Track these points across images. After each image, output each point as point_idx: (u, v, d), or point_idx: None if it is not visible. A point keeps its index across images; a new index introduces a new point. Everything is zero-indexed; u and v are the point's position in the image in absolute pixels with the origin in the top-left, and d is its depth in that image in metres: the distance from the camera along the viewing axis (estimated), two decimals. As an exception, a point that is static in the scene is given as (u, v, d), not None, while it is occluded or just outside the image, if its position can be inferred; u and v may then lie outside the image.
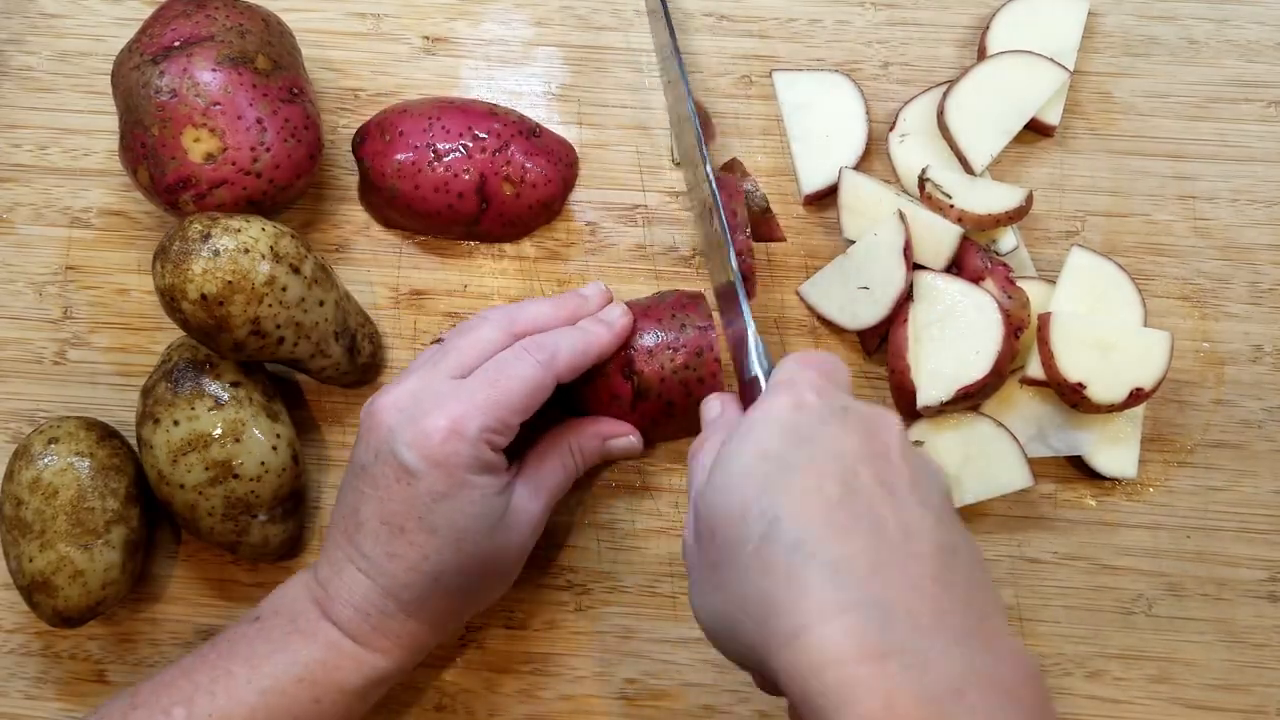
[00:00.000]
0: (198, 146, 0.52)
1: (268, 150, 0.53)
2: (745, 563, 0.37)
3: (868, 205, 0.57)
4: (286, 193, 0.55)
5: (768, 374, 0.46)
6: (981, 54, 0.61)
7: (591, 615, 0.56)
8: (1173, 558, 0.56)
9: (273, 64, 0.54)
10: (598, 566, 0.56)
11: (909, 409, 0.54)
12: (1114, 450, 0.56)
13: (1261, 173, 0.61)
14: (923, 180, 0.57)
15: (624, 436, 0.53)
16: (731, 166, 0.58)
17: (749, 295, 0.51)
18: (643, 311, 0.53)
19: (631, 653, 0.55)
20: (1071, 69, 0.60)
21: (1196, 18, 0.63)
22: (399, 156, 0.56)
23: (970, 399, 0.53)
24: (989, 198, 0.56)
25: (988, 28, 0.61)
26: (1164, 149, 0.61)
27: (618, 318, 0.52)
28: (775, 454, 0.38)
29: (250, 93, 0.53)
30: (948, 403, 0.52)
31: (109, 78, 0.56)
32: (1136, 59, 0.63)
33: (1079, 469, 0.57)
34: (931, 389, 0.53)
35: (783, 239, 0.59)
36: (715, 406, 0.48)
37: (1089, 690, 0.55)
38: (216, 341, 0.49)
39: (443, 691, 0.55)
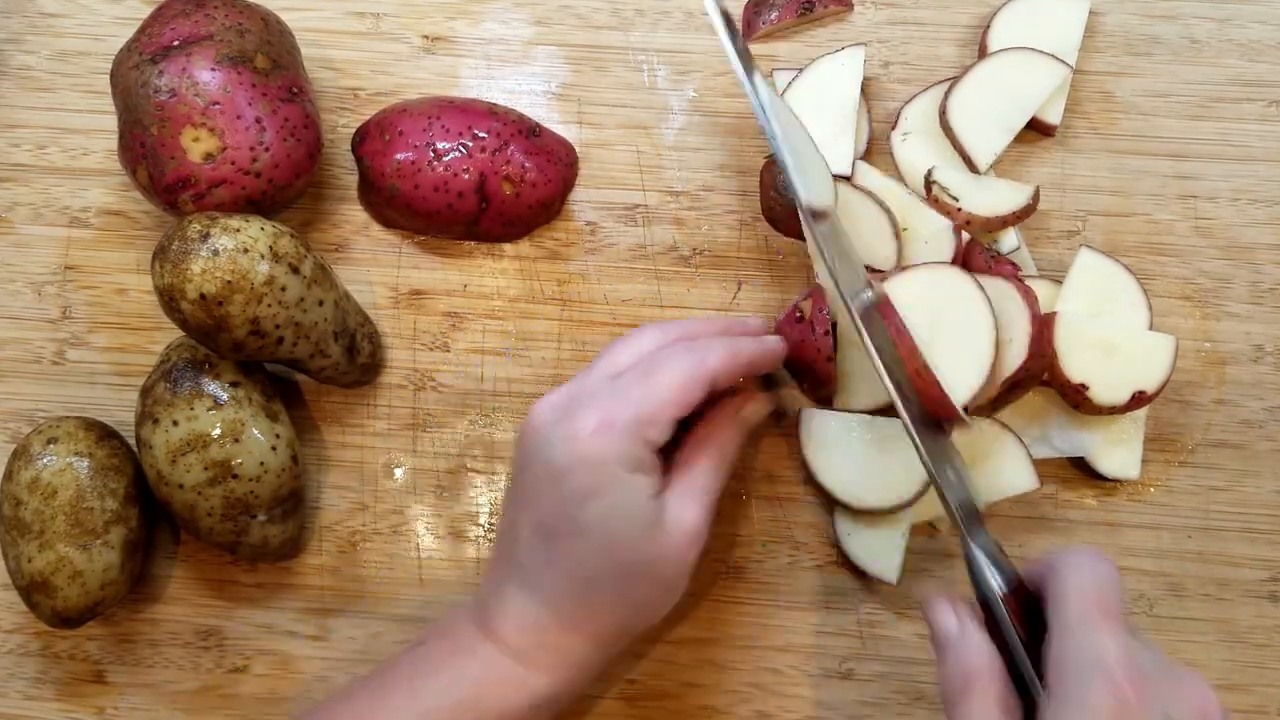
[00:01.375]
0: (197, 146, 0.52)
1: (267, 150, 0.53)
2: None
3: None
4: (286, 192, 0.55)
5: (1007, 587, 0.42)
6: (982, 53, 0.61)
7: (591, 615, 0.55)
8: (1174, 558, 0.56)
9: (272, 63, 0.54)
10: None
11: (941, 413, 0.53)
12: (1116, 451, 0.55)
13: (1263, 172, 0.61)
14: (929, 182, 0.57)
15: (752, 405, 0.52)
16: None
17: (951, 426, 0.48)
18: None
19: (631, 653, 0.55)
20: (1073, 68, 0.60)
21: (1198, 17, 0.63)
22: (399, 156, 0.56)
23: (1019, 388, 0.52)
24: (995, 198, 0.56)
25: (988, 27, 0.61)
26: (1165, 148, 0.61)
27: (776, 343, 0.52)
28: None
29: (249, 92, 0.53)
30: (997, 399, 0.52)
31: (108, 77, 0.55)
32: (1138, 58, 0.63)
33: (1080, 469, 0.57)
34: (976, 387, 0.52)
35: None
36: (951, 623, 0.42)
37: (1090, 691, 0.55)
38: (215, 341, 0.49)
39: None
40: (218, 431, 0.50)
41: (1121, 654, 0.37)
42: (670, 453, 0.48)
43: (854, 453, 0.54)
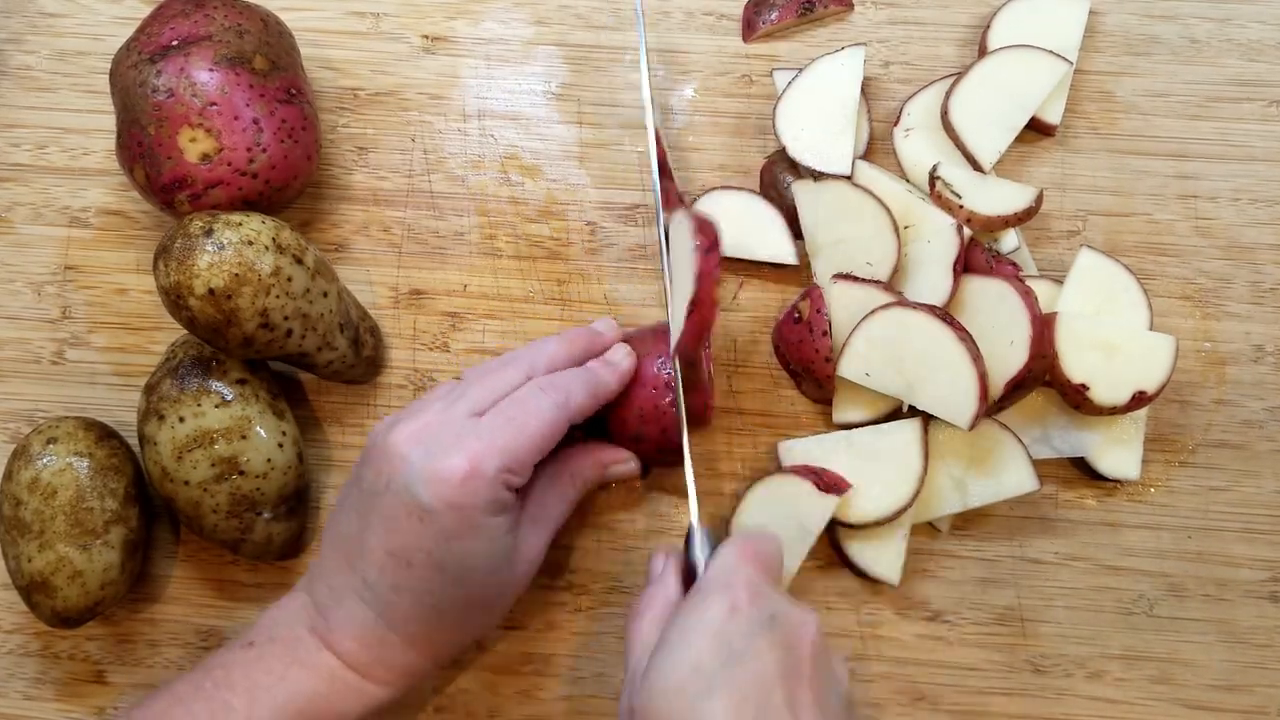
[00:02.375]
0: (194, 146, 0.52)
1: (264, 151, 0.53)
2: None
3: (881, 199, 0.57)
4: (283, 193, 0.55)
5: (708, 560, 0.47)
6: (982, 53, 0.61)
7: (591, 615, 0.55)
8: (1174, 558, 0.56)
9: (270, 64, 0.54)
10: (598, 566, 0.56)
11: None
12: (1117, 452, 0.55)
13: (1263, 172, 0.61)
14: (933, 178, 0.57)
15: (623, 463, 0.54)
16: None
17: (703, 421, 0.54)
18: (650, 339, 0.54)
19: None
20: (1072, 64, 0.60)
21: (1198, 17, 0.63)
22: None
23: (1021, 389, 0.52)
24: (998, 198, 0.56)
25: (988, 27, 0.61)
26: (1165, 148, 0.61)
27: (622, 359, 0.52)
28: (706, 670, 0.41)
29: (247, 93, 0.53)
30: (1001, 400, 0.52)
31: (107, 77, 0.55)
32: (1138, 58, 0.63)
33: (1080, 470, 0.57)
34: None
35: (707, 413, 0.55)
36: (659, 564, 0.48)
37: (1090, 691, 0.55)
38: (225, 337, 0.49)
39: (442, 692, 0.55)
40: (225, 428, 0.50)
41: (749, 575, 0.44)
42: None
43: (842, 470, 0.54)
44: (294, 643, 0.47)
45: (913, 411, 0.54)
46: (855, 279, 0.55)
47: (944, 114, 0.59)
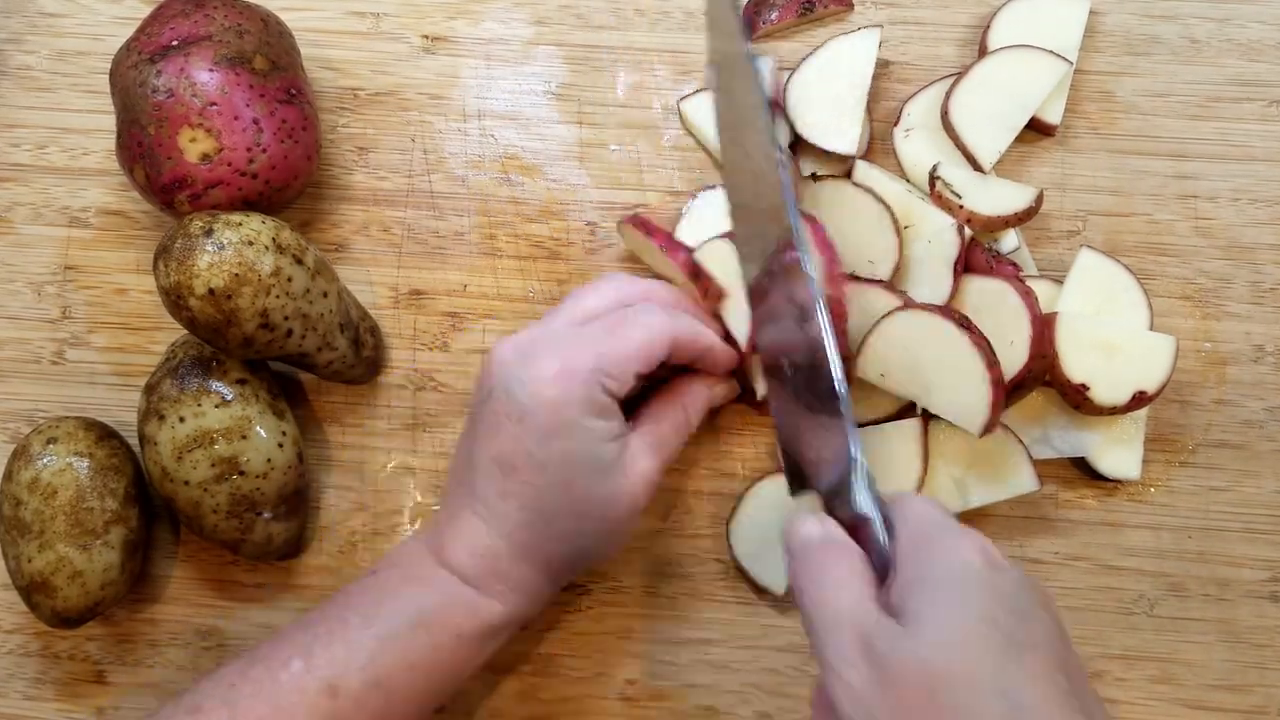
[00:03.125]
0: (194, 146, 0.52)
1: (264, 151, 0.53)
2: None
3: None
4: (283, 194, 0.55)
5: (879, 509, 0.41)
6: (982, 53, 0.61)
7: (591, 615, 0.55)
8: (1174, 558, 0.56)
9: (271, 64, 0.54)
10: (598, 566, 0.56)
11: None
12: (1117, 452, 0.55)
13: (1263, 172, 0.61)
14: (933, 178, 0.57)
15: (721, 386, 0.54)
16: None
17: (846, 369, 0.46)
18: None
19: (631, 653, 0.55)
20: (1072, 69, 0.60)
21: (1198, 17, 0.63)
22: None
23: (1021, 390, 0.52)
24: (998, 198, 0.56)
25: (988, 27, 0.61)
26: (1165, 148, 0.61)
27: (725, 351, 0.52)
28: (1001, 623, 0.36)
29: (247, 93, 0.53)
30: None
31: (107, 77, 0.55)
32: (1138, 58, 0.63)
33: (1081, 470, 0.57)
34: None
35: None
36: (814, 527, 0.41)
37: (1090, 691, 0.55)
38: (225, 337, 0.49)
39: (442, 692, 0.55)
40: (225, 428, 0.50)
41: (965, 528, 0.39)
42: (635, 408, 0.50)
43: None
44: (411, 563, 0.48)
45: (924, 411, 0.54)
46: (862, 279, 0.55)
47: (944, 114, 0.59)
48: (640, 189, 0.61)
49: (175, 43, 0.53)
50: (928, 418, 0.54)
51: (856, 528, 0.41)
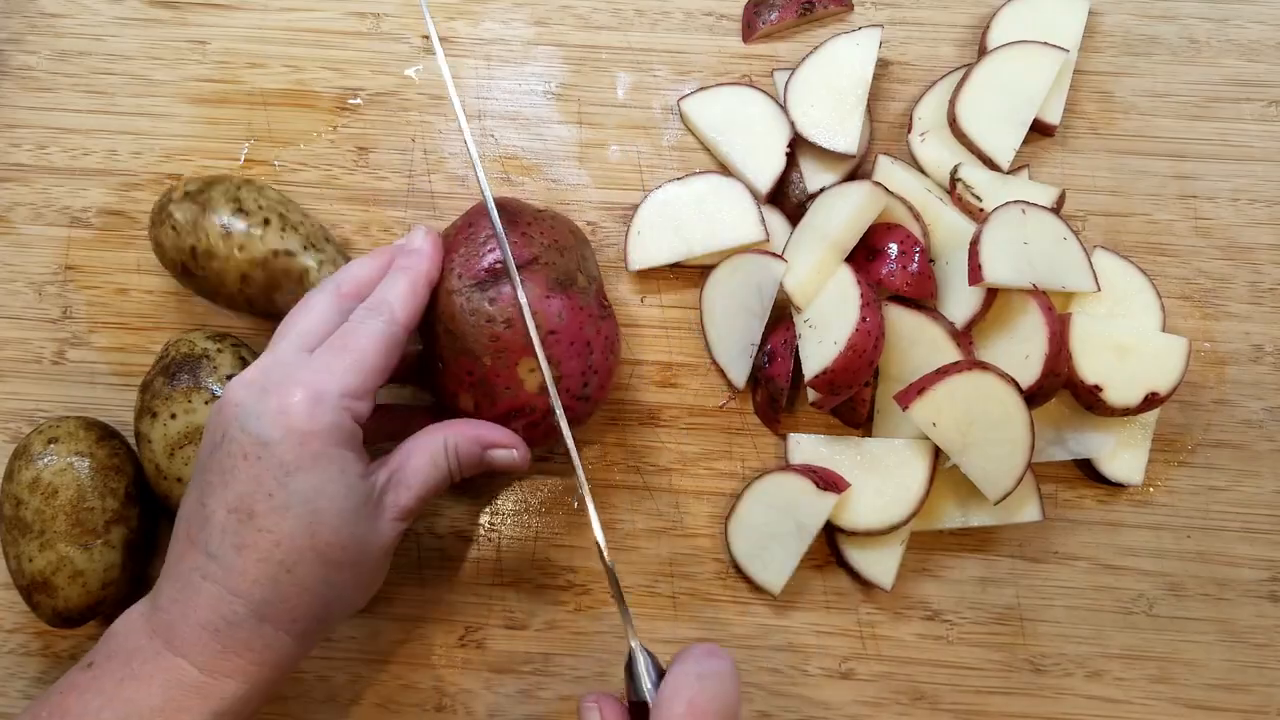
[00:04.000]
0: (532, 377, 0.48)
1: (595, 373, 0.50)
2: None
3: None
4: (597, 407, 0.52)
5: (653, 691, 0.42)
6: (982, 53, 0.61)
7: (591, 615, 0.55)
8: (1174, 558, 0.56)
9: (588, 279, 0.51)
10: (598, 566, 0.56)
11: None
12: (1123, 456, 0.56)
13: (1262, 172, 0.61)
14: (954, 179, 0.57)
15: (508, 450, 0.48)
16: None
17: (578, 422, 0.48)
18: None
19: (619, 652, 0.55)
20: (1072, 69, 0.60)
21: (1197, 17, 0.63)
22: None
23: (1037, 400, 0.53)
24: (1019, 198, 0.56)
25: (988, 27, 0.61)
26: (1165, 148, 0.61)
27: (422, 239, 0.48)
28: None
29: (579, 315, 0.49)
30: None
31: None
32: (1137, 58, 0.63)
33: (1081, 470, 0.57)
34: None
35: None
36: (593, 714, 0.42)
37: (1090, 690, 0.55)
38: None
39: (443, 691, 0.55)
40: None
41: (702, 682, 0.39)
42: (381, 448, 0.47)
43: (845, 476, 0.54)
44: (131, 654, 0.42)
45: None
46: (904, 303, 0.55)
47: (951, 121, 0.59)
48: (640, 189, 0.61)
49: (497, 265, 0.49)
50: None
51: (639, 710, 0.42)
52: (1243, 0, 0.63)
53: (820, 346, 0.53)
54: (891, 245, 0.54)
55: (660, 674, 0.42)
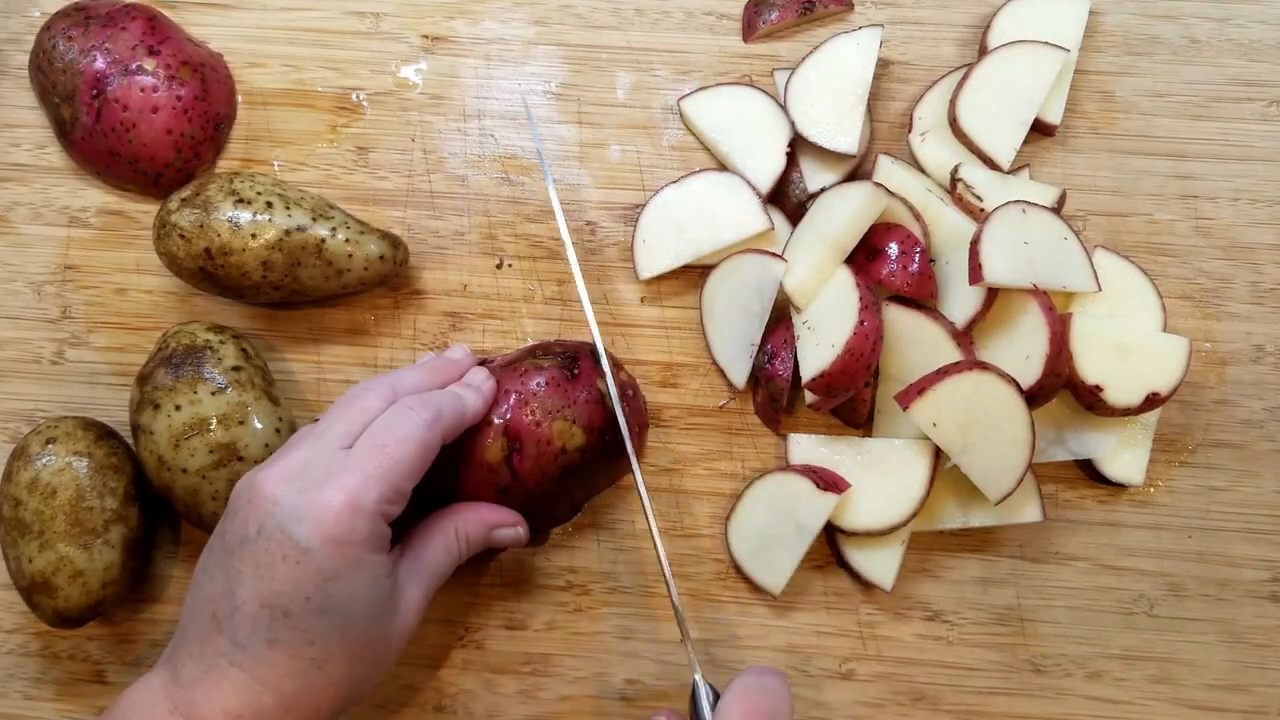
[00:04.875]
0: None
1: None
2: None
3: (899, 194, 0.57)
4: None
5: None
6: (982, 53, 0.61)
7: (591, 615, 0.55)
8: (1174, 558, 0.56)
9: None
10: (598, 567, 0.56)
11: None
12: (1124, 456, 0.55)
13: (1263, 172, 0.61)
14: (954, 179, 0.57)
15: (511, 527, 0.51)
16: None
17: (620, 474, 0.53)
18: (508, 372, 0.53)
19: (631, 653, 0.55)
20: (1072, 68, 0.60)
21: (1198, 16, 0.63)
22: None
23: (1037, 400, 0.52)
24: (1020, 198, 0.56)
25: (989, 27, 0.61)
26: (1166, 148, 0.61)
27: (483, 381, 0.51)
28: None
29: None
30: None
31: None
32: (1138, 58, 0.63)
33: (1082, 470, 0.57)
34: None
35: None
36: None
37: (1090, 690, 0.55)
38: None
39: (442, 692, 0.55)
40: (222, 414, 0.51)
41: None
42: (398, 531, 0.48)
43: (846, 476, 0.54)
44: None
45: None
46: (904, 303, 0.55)
47: (952, 120, 0.59)
48: (640, 189, 0.61)
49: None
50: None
51: None
52: (1244, 0, 0.63)
53: (818, 349, 0.52)
54: (892, 245, 0.54)
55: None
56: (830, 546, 0.56)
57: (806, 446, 0.55)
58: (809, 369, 0.53)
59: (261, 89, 0.62)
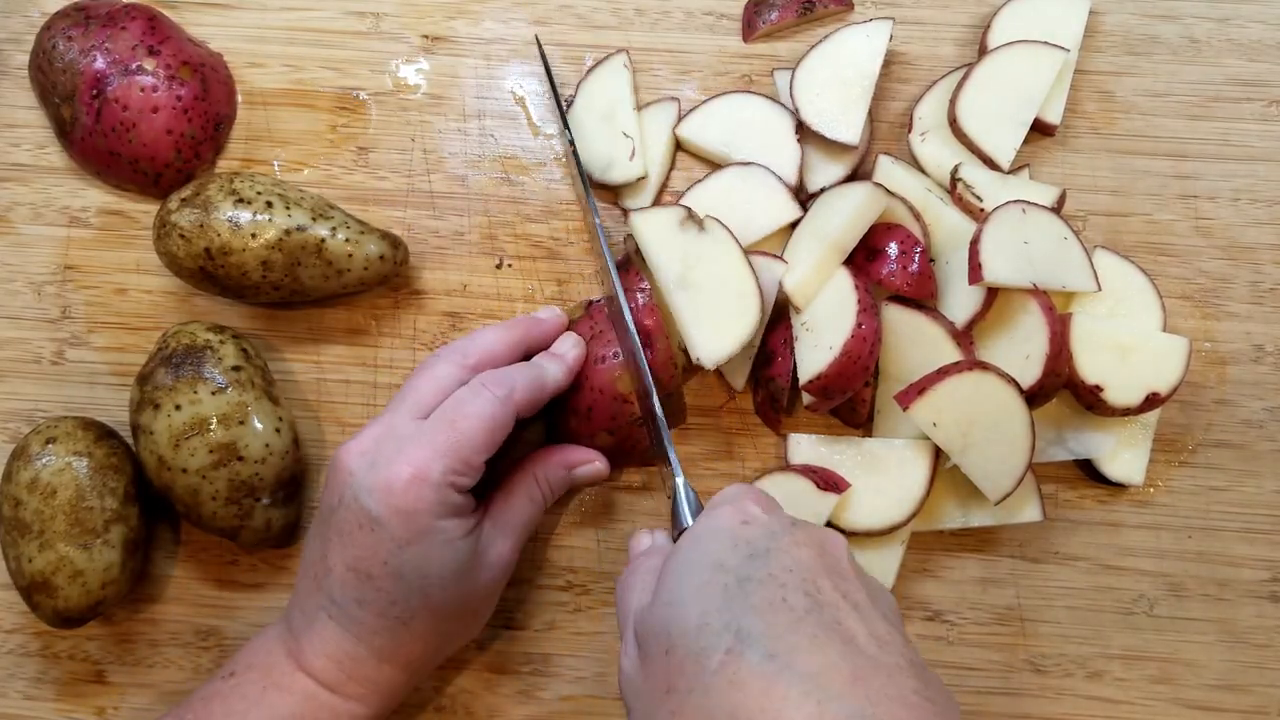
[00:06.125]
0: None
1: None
2: (709, 680, 0.35)
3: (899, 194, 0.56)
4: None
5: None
6: (982, 54, 0.61)
7: (591, 615, 0.55)
8: (1174, 558, 0.56)
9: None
10: (598, 566, 0.56)
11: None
12: (1124, 456, 0.56)
13: (1263, 172, 0.61)
14: (954, 179, 0.57)
15: (590, 463, 0.53)
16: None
17: (677, 421, 0.55)
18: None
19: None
20: (1072, 68, 0.60)
21: (1198, 16, 0.63)
22: None
23: (1037, 400, 0.52)
24: (1020, 198, 0.56)
25: (989, 27, 0.61)
26: (1165, 148, 0.61)
27: (570, 349, 0.52)
28: (731, 566, 0.38)
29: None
30: None
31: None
32: (1138, 58, 0.63)
33: (1082, 470, 0.57)
34: None
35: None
36: (645, 540, 0.48)
37: (1090, 690, 0.55)
38: None
39: (443, 692, 0.55)
40: (222, 414, 0.51)
41: (755, 496, 0.43)
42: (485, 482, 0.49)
43: (846, 476, 0.54)
44: (270, 668, 0.47)
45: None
46: (904, 303, 0.55)
47: (952, 121, 0.58)
48: (641, 189, 0.61)
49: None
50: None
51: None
52: (1243, 0, 0.63)
53: (815, 351, 0.52)
54: (892, 245, 0.54)
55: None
56: (830, 546, 0.56)
57: (806, 446, 0.55)
58: (806, 371, 0.53)
59: (261, 89, 0.62)
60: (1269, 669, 0.55)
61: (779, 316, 0.56)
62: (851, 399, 0.55)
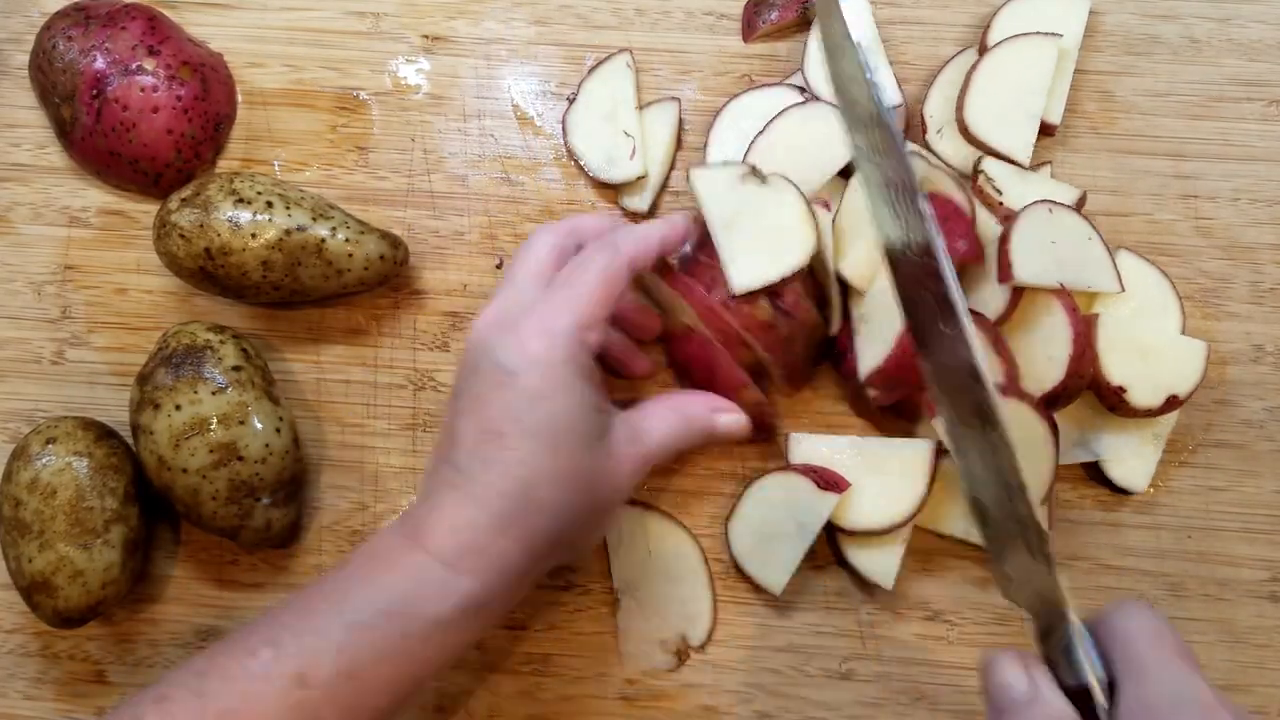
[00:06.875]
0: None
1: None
2: None
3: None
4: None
5: (1101, 678, 0.37)
6: (982, 54, 0.61)
7: (591, 615, 0.55)
8: (1174, 558, 0.56)
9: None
10: (598, 566, 0.56)
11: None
12: (1131, 462, 0.55)
13: (1263, 172, 0.61)
14: (977, 171, 0.57)
15: (731, 413, 0.53)
16: None
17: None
18: None
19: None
20: (1072, 68, 0.60)
21: (1198, 16, 0.63)
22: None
23: (1059, 402, 0.52)
24: (1039, 195, 0.55)
25: (989, 26, 0.61)
26: (1165, 148, 0.61)
27: (674, 214, 0.54)
28: None
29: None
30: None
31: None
32: (1138, 58, 0.63)
33: (1084, 470, 0.57)
34: None
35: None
36: (1017, 675, 0.37)
37: (1090, 691, 0.55)
38: None
39: (443, 692, 0.55)
40: (222, 414, 0.51)
41: (1211, 693, 0.34)
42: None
43: (844, 475, 0.54)
44: (384, 551, 0.46)
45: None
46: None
47: (961, 126, 0.58)
48: (641, 189, 0.61)
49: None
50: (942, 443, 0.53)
51: (1069, 685, 0.37)
52: (1244, 0, 0.63)
53: (873, 345, 0.53)
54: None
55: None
56: (830, 546, 0.56)
57: (807, 446, 0.55)
58: (866, 364, 0.53)
59: (261, 89, 0.62)
60: (1269, 669, 0.55)
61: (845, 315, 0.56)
62: (913, 397, 0.54)
